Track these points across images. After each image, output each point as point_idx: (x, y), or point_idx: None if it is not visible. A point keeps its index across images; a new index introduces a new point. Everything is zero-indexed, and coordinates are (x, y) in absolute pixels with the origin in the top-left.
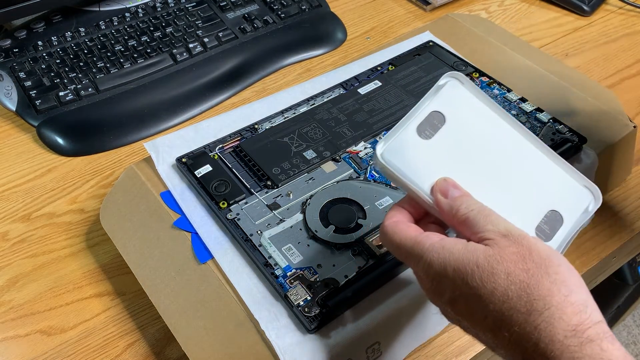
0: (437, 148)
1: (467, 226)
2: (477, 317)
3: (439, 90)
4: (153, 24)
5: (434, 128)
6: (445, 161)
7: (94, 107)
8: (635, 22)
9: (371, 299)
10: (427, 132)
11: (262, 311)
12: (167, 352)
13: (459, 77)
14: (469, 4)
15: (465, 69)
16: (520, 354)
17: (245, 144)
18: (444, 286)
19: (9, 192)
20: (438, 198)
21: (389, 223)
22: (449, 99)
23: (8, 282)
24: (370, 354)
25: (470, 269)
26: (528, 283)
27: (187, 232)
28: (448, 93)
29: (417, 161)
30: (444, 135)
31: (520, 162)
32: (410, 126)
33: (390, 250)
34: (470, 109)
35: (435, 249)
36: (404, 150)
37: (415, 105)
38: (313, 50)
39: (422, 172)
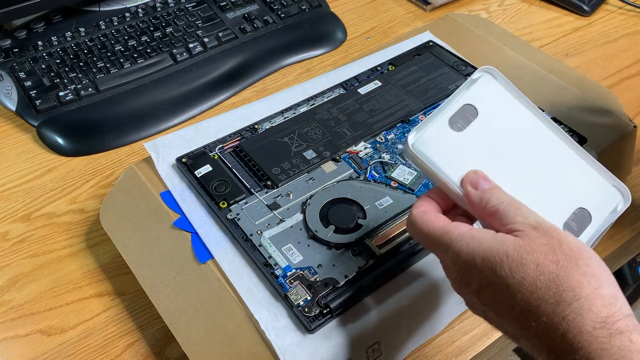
0: (468, 140)
1: (497, 218)
2: (504, 307)
3: (472, 83)
4: (153, 24)
5: (466, 121)
6: (476, 154)
7: (94, 107)
8: (635, 22)
9: (371, 299)
10: (459, 124)
11: (262, 311)
12: (167, 352)
13: (492, 71)
14: (469, 4)
15: (465, 69)
16: (547, 345)
17: (245, 144)
18: (471, 276)
19: (9, 192)
20: (468, 190)
21: (417, 212)
22: (482, 93)
23: (8, 282)
24: (370, 354)
25: (499, 258)
26: (557, 274)
27: (187, 232)
28: (481, 87)
29: (448, 152)
30: (476, 128)
31: (550, 158)
32: (442, 117)
33: (417, 239)
34: (503, 104)
35: (464, 238)
36: (435, 141)
37: (448, 97)
38: (313, 50)
39: (452, 164)
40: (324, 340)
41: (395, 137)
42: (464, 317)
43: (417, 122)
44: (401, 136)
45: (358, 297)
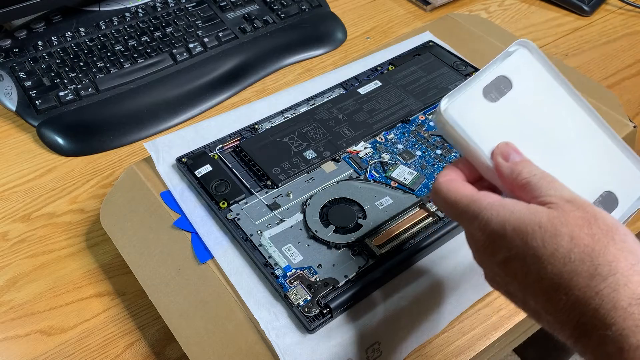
0: (500, 112)
1: (528, 190)
2: (531, 279)
3: (508, 56)
4: (153, 24)
5: (500, 92)
6: (507, 126)
7: (94, 107)
8: (635, 22)
9: (371, 299)
10: (492, 95)
11: (262, 311)
12: (167, 352)
13: (528, 45)
14: (469, 4)
15: (465, 69)
16: (575, 319)
17: (245, 144)
18: (498, 246)
19: (9, 192)
20: (498, 161)
21: (443, 180)
22: (517, 66)
23: (8, 282)
24: (370, 354)
25: (531, 228)
26: (593, 248)
27: (187, 232)
28: (517, 60)
29: (480, 122)
30: (509, 101)
31: (581, 138)
32: (476, 87)
33: (442, 209)
34: (537, 79)
35: (494, 207)
36: (468, 109)
37: (482, 68)
38: (313, 50)
39: (483, 134)
40: (324, 340)
41: (395, 137)
42: (464, 317)
43: (416, 122)
44: (401, 136)
45: (358, 297)
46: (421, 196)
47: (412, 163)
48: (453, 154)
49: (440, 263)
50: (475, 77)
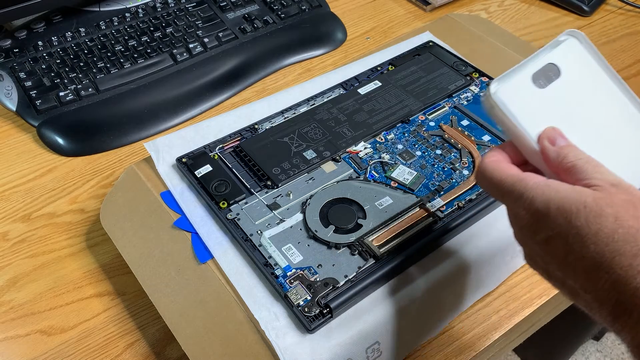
0: (548, 98)
1: (573, 173)
2: (572, 258)
3: (558, 44)
4: (153, 24)
5: (548, 79)
6: (554, 112)
7: (94, 107)
8: (635, 22)
9: (371, 299)
10: (541, 82)
11: (262, 311)
12: (167, 352)
13: (578, 35)
14: (469, 4)
15: (465, 69)
16: (614, 298)
17: (245, 144)
18: (541, 224)
19: (9, 192)
20: (545, 145)
21: (489, 161)
22: (567, 55)
23: (8, 282)
24: (370, 354)
25: (576, 208)
26: (638, 229)
27: (187, 232)
28: (566, 49)
29: (527, 107)
30: (557, 88)
31: (626, 127)
32: (526, 72)
33: (486, 188)
34: (585, 68)
35: (539, 186)
36: (516, 93)
37: (531, 55)
38: (313, 51)
39: (530, 118)
40: (324, 340)
41: (395, 137)
42: (464, 317)
43: (416, 122)
44: (401, 136)
45: (358, 297)
46: (421, 196)
47: (412, 163)
48: (453, 154)
49: (440, 263)
50: (524, 63)
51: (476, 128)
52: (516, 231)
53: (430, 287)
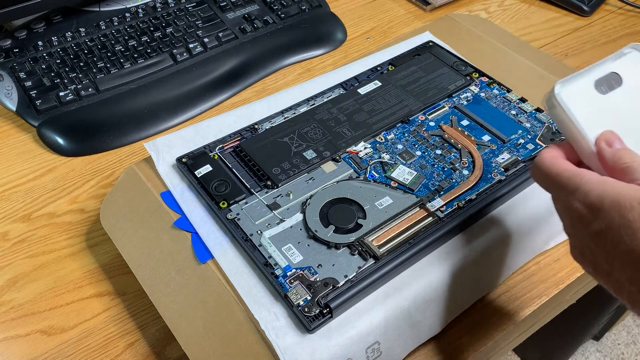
0: (608, 104)
1: (628, 174)
2: (621, 250)
3: (622, 56)
4: (153, 24)
5: (610, 87)
6: (612, 118)
7: (94, 107)
8: (635, 22)
9: (371, 299)
10: (602, 88)
11: (262, 311)
12: (167, 352)
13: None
14: (469, 4)
15: (465, 69)
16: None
17: (245, 144)
18: (594, 217)
19: (9, 192)
20: (602, 146)
21: (547, 156)
22: (630, 66)
23: (8, 282)
24: (370, 354)
25: (630, 204)
26: None
27: (187, 232)
28: (630, 61)
29: (588, 110)
30: (617, 96)
31: None
32: (590, 77)
33: (541, 181)
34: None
35: (595, 181)
36: (578, 96)
37: (595, 63)
38: (313, 51)
39: (589, 120)
40: (324, 340)
41: (395, 137)
42: (464, 317)
43: (416, 122)
44: (401, 136)
45: (358, 297)
46: (421, 196)
47: (411, 163)
48: (453, 154)
49: (440, 263)
50: (588, 69)
51: (476, 128)
52: (567, 223)
53: (430, 287)
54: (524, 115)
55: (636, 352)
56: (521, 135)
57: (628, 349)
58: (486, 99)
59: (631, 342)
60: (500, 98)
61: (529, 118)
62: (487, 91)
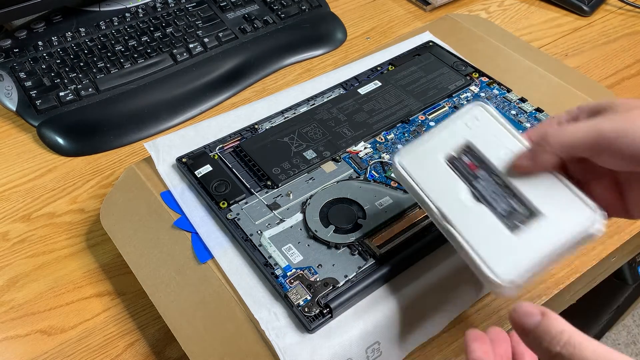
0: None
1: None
2: None
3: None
4: (153, 24)
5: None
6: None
7: (94, 107)
8: (635, 22)
9: (371, 299)
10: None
11: (262, 311)
12: (167, 352)
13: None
14: (469, 4)
15: (465, 69)
16: None
17: (245, 144)
18: None
19: (9, 192)
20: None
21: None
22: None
23: (8, 282)
24: (370, 354)
25: None
26: None
27: (187, 232)
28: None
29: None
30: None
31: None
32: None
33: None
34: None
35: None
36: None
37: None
38: (313, 51)
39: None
40: (324, 340)
41: (395, 137)
42: (464, 317)
43: (416, 122)
44: (401, 136)
45: (358, 297)
46: None
47: None
48: None
49: (440, 263)
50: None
51: None
52: None
53: (430, 286)
54: (524, 115)
55: (636, 352)
56: None
57: (628, 349)
58: (486, 99)
59: (631, 342)
60: (500, 98)
61: (529, 118)
62: (487, 91)
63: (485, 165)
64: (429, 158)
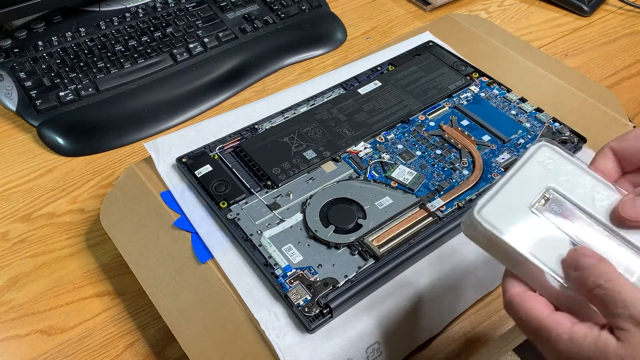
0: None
1: (599, 305)
2: None
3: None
4: (153, 24)
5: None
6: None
7: (94, 107)
8: (635, 22)
9: (371, 299)
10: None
11: (262, 311)
12: (167, 352)
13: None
14: (469, 4)
15: (465, 69)
16: None
17: (245, 144)
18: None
19: (9, 192)
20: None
21: (515, 293)
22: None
23: (8, 282)
24: (370, 354)
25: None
26: None
27: (187, 232)
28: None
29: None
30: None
31: None
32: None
33: (515, 322)
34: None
35: (562, 340)
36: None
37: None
38: (313, 50)
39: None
40: (324, 340)
41: (395, 137)
42: (464, 317)
43: (416, 122)
44: (401, 136)
45: (358, 297)
46: (421, 196)
47: (411, 163)
48: (453, 154)
49: (440, 263)
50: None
51: (476, 128)
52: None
53: (430, 287)
54: (524, 115)
55: None
56: (521, 135)
57: None
58: (486, 99)
59: None
60: (500, 98)
61: (529, 118)
62: (487, 91)
63: (578, 214)
64: (514, 210)
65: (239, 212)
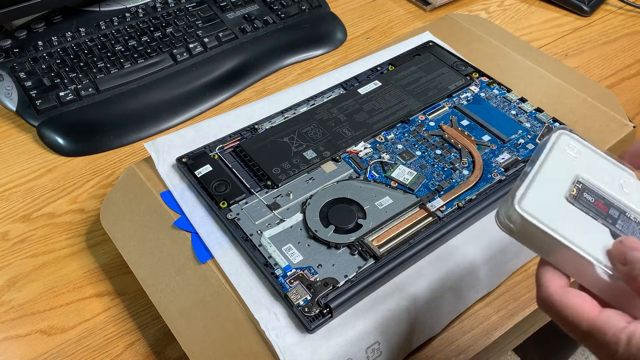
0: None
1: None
2: None
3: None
4: (153, 24)
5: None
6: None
7: (94, 107)
8: (635, 22)
9: (371, 299)
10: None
11: (262, 311)
12: (167, 352)
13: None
14: (469, 4)
15: (465, 69)
16: None
17: (245, 144)
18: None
19: (9, 192)
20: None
21: (555, 289)
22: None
23: (8, 282)
24: (370, 354)
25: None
26: None
27: (187, 232)
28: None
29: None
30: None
31: None
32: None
33: (555, 320)
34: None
35: (621, 342)
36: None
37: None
38: (313, 50)
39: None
40: (324, 340)
41: (395, 137)
42: (464, 317)
43: (416, 122)
44: (401, 136)
45: (358, 297)
46: (421, 196)
47: (411, 163)
48: (453, 154)
49: (440, 263)
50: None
51: (476, 128)
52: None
53: (430, 286)
54: (524, 115)
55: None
56: (521, 135)
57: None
58: (486, 99)
59: None
60: (500, 98)
61: (529, 118)
62: (487, 91)
63: (610, 202)
64: (552, 201)
65: (239, 212)
